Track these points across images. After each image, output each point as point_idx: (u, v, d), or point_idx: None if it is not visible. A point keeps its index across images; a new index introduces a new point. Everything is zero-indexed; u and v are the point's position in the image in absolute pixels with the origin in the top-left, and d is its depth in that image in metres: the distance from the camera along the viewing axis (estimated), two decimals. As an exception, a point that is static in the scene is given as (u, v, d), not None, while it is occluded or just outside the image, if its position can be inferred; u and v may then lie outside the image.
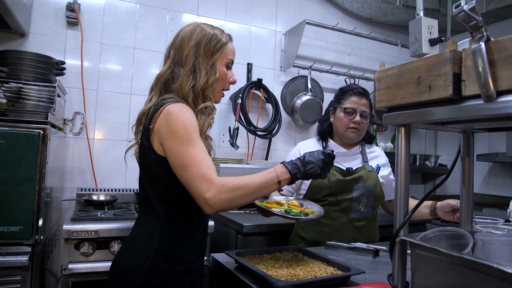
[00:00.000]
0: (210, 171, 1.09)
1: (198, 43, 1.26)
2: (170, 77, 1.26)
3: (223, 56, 1.30)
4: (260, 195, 1.16)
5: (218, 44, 1.29)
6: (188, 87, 1.22)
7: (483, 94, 0.76)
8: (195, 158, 1.09)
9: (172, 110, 1.14)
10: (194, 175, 1.07)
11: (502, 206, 3.00)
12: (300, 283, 1.06)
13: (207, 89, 1.25)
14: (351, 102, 1.84)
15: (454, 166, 1.06)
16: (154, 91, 1.28)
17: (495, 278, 0.69)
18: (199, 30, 1.28)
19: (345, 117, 1.84)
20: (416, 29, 1.35)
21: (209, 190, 1.05)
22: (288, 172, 1.19)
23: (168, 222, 1.19)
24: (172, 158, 1.12)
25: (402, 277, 0.96)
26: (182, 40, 1.27)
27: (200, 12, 2.97)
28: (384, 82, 1.01)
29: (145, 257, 1.15)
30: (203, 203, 1.06)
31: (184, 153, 1.09)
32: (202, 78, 1.23)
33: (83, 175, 2.56)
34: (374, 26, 3.57)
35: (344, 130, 1.85)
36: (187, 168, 1.08)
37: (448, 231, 0.96)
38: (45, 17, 2.50)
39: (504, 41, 0.75)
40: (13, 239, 1.65)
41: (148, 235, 1.19)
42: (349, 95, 1.86)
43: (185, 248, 1.21)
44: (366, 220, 1.81)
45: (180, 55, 1.26)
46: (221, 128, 2.98)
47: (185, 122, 1.12)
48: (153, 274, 1.14)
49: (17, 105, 1.74)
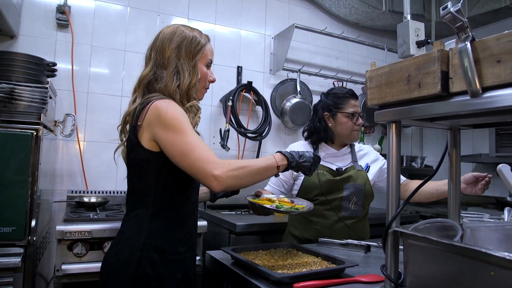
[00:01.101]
0: (211, 153, 1.14)
1: (179, 45, 1.30)
2: (153, 78, 1.30)
3: (203, 56, 1.35)
4: (262, 178, 1.21)
5: (198, 46, 1.33)
6: (173, 87, 1.27)
7: (470, 90, 0.81)
8: (194, 144, 1.13)
9: (160, 105, 1.18)
10: (197, 157, 1.11)
11: (486, 205, 3.09)
12: (297, 275, 1.09)
13: (190, 89, 1.30)
14: (351, 106, 1.89)
15: (442, 161, 1.11)
16: (138, 92, 1.31)
17: (484, 262, 0.74)
18: (179, 32, 1.32)
19: (349, 121, 1.88)
20: (404, 32, 1.40)
21: (216, 168, 1.10)
22: (285, 158, 1.26)
23: (156, 214, 1.22)
24: (170, 147, 1.15)
25: (395, 268, 1.00)
26: (163, 42, 1.31)
27: (190, 16, 2.99)
28: (376, 80, 1.06)
29: (135, 249, 1.18)
30: (212, 179, 1.09)
31: (181, 141, 1.13)
32: (185, 79, 1.28)
33: (73, 178, 2.54)
34: (361, 30, 3.65)
35: (349, 133, 1.89)
36: (188, 154, 1.12)
37: (438, 223, 1.00)
38: (35, 19, 2.49)
39: (488, 41, 0.80)
40: (6, 240, 1.64)
41: (136, 228, 1.21)
42: (347, 99, 1.90)
43: (174, 239, 1.24)
44: (356, 218, 1.85)
45: (162, 57, 1.30)
46: (212, 130, 3.00)
47: (176, 114, 1.17)
48: (144, 264, 1.16)
49: (9, 105, 1.73)
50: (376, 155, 2.04)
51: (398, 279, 0.99)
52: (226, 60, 3.11)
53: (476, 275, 0.76)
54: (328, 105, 1.93)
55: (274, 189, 1.91)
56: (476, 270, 0.76)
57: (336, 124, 1.91)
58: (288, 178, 1.92)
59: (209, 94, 3.02)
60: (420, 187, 1.08)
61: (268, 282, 1.11)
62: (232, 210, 2.67)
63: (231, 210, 2.67)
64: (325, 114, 1.93)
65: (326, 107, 1.94)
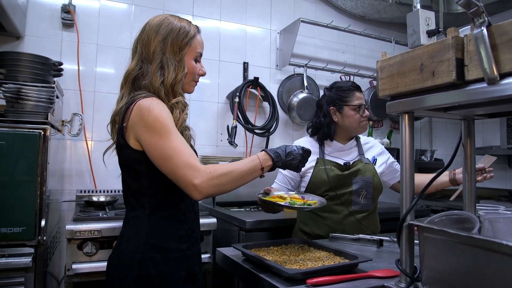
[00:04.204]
0: (193, 159, 1.10)
1: (165, 38, 1.23)
2: (140, 73, 1.24)
3: (191, 50, 1.28)
4: (245, 182, 1.17)
5: (186, 38, 1.26)
6: (157, 83, 1.21)
7: (486, 77, 0.78)
8: (176, 149, 1.09)
9: (143, 104, 1.13)
10: (179, 164, 1.08)
11: (498, 198, 3.04)
12: (309, 271, 1.07)
13: (176, 84, 1.24)
14: (357, 98, 1.88)
15: (456, 152, 1.08)
16: (124, 89, 1.26)
17: (505, 255, 0.71)
18: (166, 24, 1.26)
19: (356, 113, 1.86)
20: (414, 21, 1.37)
21: (196, 177, 1.06)
22: (270, 159, 1.21)
23: (154, 213, 1.20)
24: (152, 151, 1.12)
25: (410, 262, 0.98)
26: (149, 35, 1.24)
27: (195, 13, 2.98)
28: (387, 70, 1.03)
29: (136, 250, 1.16)
30: (192, 189, 1.07)
31: (163, 145, 1.10)
32: (170, 74, 1.22)
33: (82, 177, 2.55)
34: (368, 23, 3.61)
35: (357, 125, 1.88)
36: (169, 159, 1.09)
37: (455, 215, 0.98)
38: (40, 19, 2.49)
39: (505, 26, 0.77)
40: (16, 240, 1.64)
41: (136, 229, 1.19)
42: (352, 91, 1.89)
43: (174, 237, 1.21)
44: (366, 212, 1.83)
45: (147, 51, 1.23)
46: (219, 127, 2.99)
47: (158, 115, 1.12)
48: (146, 265, 1.15)
49: (16, 106, 1.73)
50: (381, 148, 2.03)
51: (414, 274, 0.97)
52: (232, 56, 3.09)
53: (496, 268, 0.74)
54: (333, 99, 1.90)
55: (281, 187, 1.89)
56: (496, 263, 0.74)
57: (343, 117, 1.88)
58: (294, 176, 1.90)
59: (216, 91, 3.01)
60: (434, 180, 1.06)
61: (281, 278, 1.09)
62: (241, 207, 2.66)
63: (240, 207, 2.65)
64: (331, 108, 1.91)
65: (331, 101, 1.91)
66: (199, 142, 2.74)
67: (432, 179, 1.06)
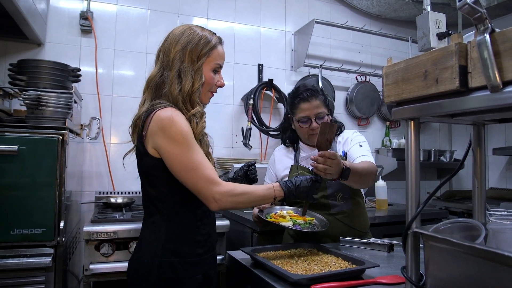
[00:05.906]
0: (214, 174, 1.18)
1: (184, 47, 1.26)
2: (160, 81, 1.27)
3: (209, 60, 1.29)
4: (256, 205, 1.34)
5: (206, 48, 1.28)
6: (176, 91, 1.24)
7: (489, 85, 0.77)
8: (198, 163, 1.16)
9: (163, 115, 1.17)
10: (201, 177, 1.15)
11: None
12: (314, 277, 1.08)
13: (193, 93, 1.26)
14: (302, 111, 1.75)
15: (465, 158, 1.06)
16: (146, 94, 1.30)
17: (507, 266, 0.70)
18: (188, 33, 1.28)
19: (302, 126, 1.77)
20: (424, 24, 1.35)
21: (218, 192, 1.15)
22: (283, 192, 1.31)
23: (172, 219, 1.24)
24: (174, 163, 1.16)
25: (416, 269, 0.97)
26: (170, 43, 1.28)
27: (209, 16, 3.01)
28: (392, 77, 1.02)
29: (155, 255, 1.21)
30: (212, 201, 1.15)
31: (185, 158, 1.15)
32: (187, 82, 1.24)
33: (100, 179, 2.62)
34: (384, 22, 3.56)
35: (306, 137, 1.81)
36: (192, 171, 1.15)
37: (461, 223, 0.97)
38: (60, 26, 2.57)
39: (508, 32, 0.75)
40: (37, 241, 1.71)
41: (154, 235, 1.24)
42: (297, 103, 1.76)
43: (191, 242, 1.25)
44: (347, 212, 1.77)
45: (168, 59, 1.27)
46: (234, 129, 3.01)
47: (180, 128, 1.16)
48: (164, 268, 1.19)
49: (36, 112, 1.80)
50: (351, 140, 1.83)
51: (419, 281, 0.96)
52: (246, 58, 3.11)
53: (500, 279, 0.73)
54: (289, 107, 1.85)
55: None
56: (499, 274, 0.73)
57: (295, 127, 1.83)
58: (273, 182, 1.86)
59: (230, 93, 3.04)
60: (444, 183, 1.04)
61: (286, 283, 1.10)
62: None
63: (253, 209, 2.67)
64: (289, 115, 1.87)
65: (288, 108, 1.87)
66: (214, 144, 2.76)
67: (442, 182, 1.05)
